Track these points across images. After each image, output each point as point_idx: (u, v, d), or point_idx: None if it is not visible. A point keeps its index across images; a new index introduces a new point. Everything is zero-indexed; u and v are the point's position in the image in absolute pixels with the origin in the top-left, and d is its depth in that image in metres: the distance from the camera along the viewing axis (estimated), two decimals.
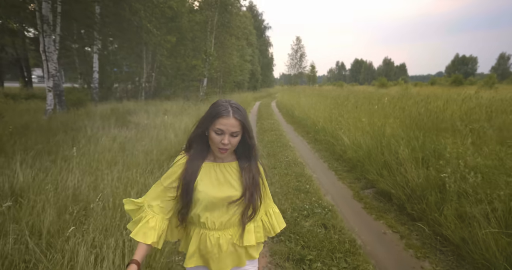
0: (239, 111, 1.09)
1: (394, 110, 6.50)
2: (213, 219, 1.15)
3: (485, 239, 2.42)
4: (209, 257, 1.17)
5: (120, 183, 3.38)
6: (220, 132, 1.08)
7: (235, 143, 1.12)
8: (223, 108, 1.08)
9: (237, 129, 1.08)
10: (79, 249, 2.04)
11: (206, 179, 1.15)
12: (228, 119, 1.06)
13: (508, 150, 3.96)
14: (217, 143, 1.10)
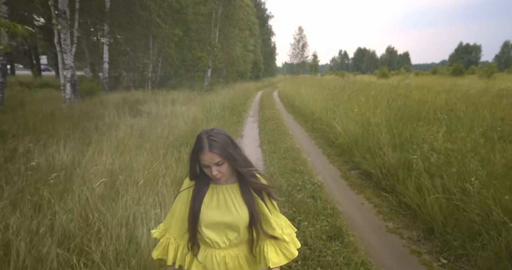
0: (215, 143, 1.10)
1: (381, 102, 7.20)
2: (216, 239, 1.19)
3: (431, 202, 3.19)
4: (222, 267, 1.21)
5: (149, 161, 4.16)
6: (206, 165, 1.13)
7: (225, 170, 1.14)
8: (201, 143, 1.10)
9: (218, 159, 1.10)
10: (128, 206, 2.82)
11: (207, 200, 1.19)
12: (206, 154, 1.10)
13: (472, 135, 4.69)
14: (209, 174, 1.15)
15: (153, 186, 3.43)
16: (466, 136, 4.67)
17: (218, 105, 10.42)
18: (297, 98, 13.59)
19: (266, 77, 47.68)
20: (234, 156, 1.12)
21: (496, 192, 2.88)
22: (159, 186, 3.40)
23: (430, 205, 3.20)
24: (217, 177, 1.13)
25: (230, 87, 19.30)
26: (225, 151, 1.10)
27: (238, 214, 1.16)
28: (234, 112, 10.70)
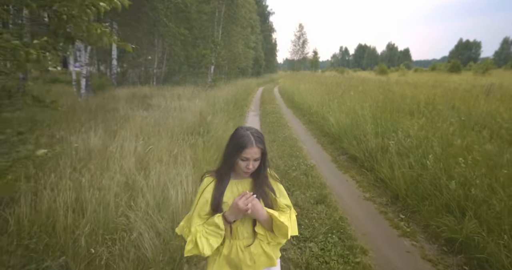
0: (260, 140, 1.28)
1: (368, 97, 7.99)
2: (238, 228, 1.35)
3: (398, 176, 4.00)
4: (242, 263, 1.34)
5: (167, 145, 4.96)
6: (245, 159, 1.27)
7: (257, 166, 1.32)
8: (247, 139, 1.26)
9: (259, 155, 1.29)
10: (159, 174, 3.62)
11: (228, 193, 1.35)
12: (252, 149, 1.26)
13: (443, 125, 5.48)
14: (243, 167, 1.30)
15: (174, 163, 4.24)
16: (440, 125, 5.47)
17: (222, 100, 11.19)
18: (296, 94, 14.35)
19: (267, 74, 48.30)
20: (266, 155, 1.33)
21: (446, 165, 3.69)
22: (178, 162, 4.21)
23: (397, 178, 4.01)
24: (250, 170, 1.30)
25: (232, 83, 20.03)
26: (264, 147, 1.30)
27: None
28: (237, 106, 11.48)
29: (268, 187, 1.38)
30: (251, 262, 1.33)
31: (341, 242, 2.96)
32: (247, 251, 1.33)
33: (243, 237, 1.34)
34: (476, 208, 2.93)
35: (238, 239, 1.34)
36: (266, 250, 1.35)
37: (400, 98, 7.73)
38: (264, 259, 1.36)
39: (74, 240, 2.41)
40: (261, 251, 1.35)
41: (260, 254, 1.35)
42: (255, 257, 1.34)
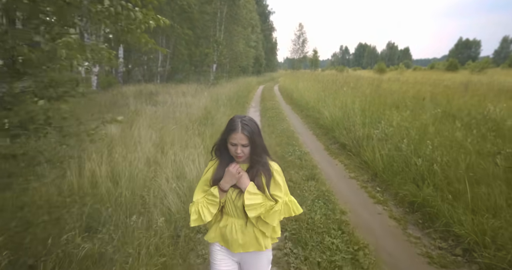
0: (247, 127, 1.36)
1: (359, 93, 8.68)
2: (233, 208, 1.47)
3: (378, 157, 4.69)
4: (233, 240, 1.47)
5: (178, 134, 5.66)
6: (233, 144, 1.38)
7: (247, 152, 1.40)
8: (235, 125, 1.37)
9: (246, 142, 1.36)
10: (175, 155, 4.31)
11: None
12: (237, 134, 1.35)
13: (424, 116, 6.16)
14: (233, 152, 1.41)
15: (186, 146, 4.94)
16: (421, 116, 6.16)
17: (225, 97, 11.87)
18: (295, 91, 15.04)
19: (268, 72, 48.97)
20: (256, 143, 1.38)
21: (417, 148, 4.39)
22: (189, 146, 4.91)
23: (377, 159, 4.71)
24: (240, 155, 1.39)
25: (233, 81, 20.71)
26: (252, 137, 1.35)
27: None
28: (238, 103, 12.17)
29: (264, 175, 1.45)
30: (243, 241, 1.46)
31: (325, 206, 3.65)
32: (240, 231, 1.45)
33: (237, 217, 1.47)
34: (434, 178, 3.63)
35: (234, 217, 1.47)
36: (257, 235, 1.46)
37: (389, 94, 8.41)
38: (254, 243, 1.47)
39: (116, 198, 3.10)
40: (253, 235, 1.46)
41: (252, 238, 1.46)
42: (247, 239, 1.46)
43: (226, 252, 1.54)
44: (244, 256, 1.52)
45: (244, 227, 1.46)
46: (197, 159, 4.31)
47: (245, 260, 1.54)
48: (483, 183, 3.20)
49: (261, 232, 1.46)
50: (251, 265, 1.54)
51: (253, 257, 1.52)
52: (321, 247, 2.79)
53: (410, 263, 2.70)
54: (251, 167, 1.45)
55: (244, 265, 1.57)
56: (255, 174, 1.44)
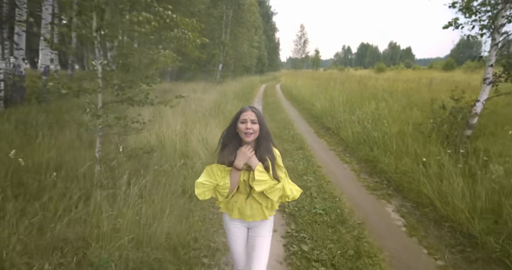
0: (255, 109, 1.68)
1: (346, 88, 10.25)
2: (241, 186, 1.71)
3: (350, 134, 6.27)
4: (243, 212, 1.75)
5: (196, 120, 7.27)
6: (244, 121, 1.63)
7: (256, 129, 1.64)
8: (244, 107, 1.70)
9: (255, 118, 1.63)
10: (198, 133, 5.91)
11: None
12: (247, 112, 1.64)
13: (394, 105, 7.71)
14: (243, 129, 1.62)
15: (206, 126, 6.54)
16: (396, 107, 7.72)
17: (231, 93, 13.47)
18: (294, 88, 16.63)
19: (270, 72, 50.50)
20: (263, 124, 1.67)
21: (377, 126, 5.96)
22: (208, 125, 6.52)
23: (349, 135, 6.29)
24: (250, 131, 1.62)
25: (238, 80, 22.30)
26: (260, 115, 1.66)
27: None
28: (244, 98, 13.77)
29: (269, 157, 1.68)
30: (250, 212, 1.72)
31: (307, 162, 5.24)
32: (248, 204, 1.72)
33: (246, 193, 1.72)
34: (384, 144, 5.20)
35: (241, 193, 1.73)
36: (262, 206, 1.73)
37: (373, 89, 9.97)
38: (260, 213, 1.74)
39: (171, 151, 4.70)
40: (258, 207, 1.73)
41: (258, 209, 1.73)
42: (254, 210, 1.72)
43: (238, 221, 1.82)
44: (251, 224, 1.81)
45: (248, 200, 1.72)
46: (213, 131, 5.93)
47: (252, 226, 1.83)
48: (406, 140, 4.79)
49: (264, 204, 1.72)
50: (257, 230, 1.82)
51: (259, 224, 1.81)
52: (301, 180, 4.39)
53: (356, 190, 4.27)
54: (257, 152, 1.68)
55: (251, 229, 1.85)
56: (261, 158, 1.66)
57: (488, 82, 4.30)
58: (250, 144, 1.68)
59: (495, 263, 2.56)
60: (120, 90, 3.56)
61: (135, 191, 3.21)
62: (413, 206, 3.69)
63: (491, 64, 4.30)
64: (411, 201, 3.78)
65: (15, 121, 5.67)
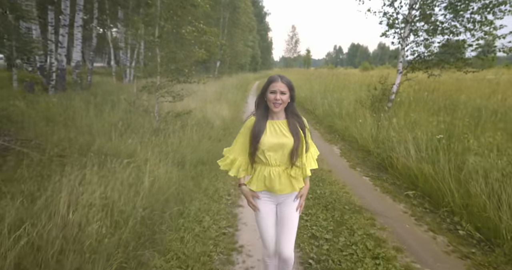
0: (286, 79, 1.66)
1: (324, 81, 12.65)
2: (274, 157, 1.69)
3: (321, 112, 8.62)
4: (273, 184, 1.71)
5: (208, 101, 9.54)
6: (273, 92, 1.62)
7: (285, 99, 1.65)
8: (274, 76, 1.66)
9: (285, 89, 1.63)
10: (211, 108, 8.16)
11: (267, 132, 1.68)
12: (277, 83, 1.62)
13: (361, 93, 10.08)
14: (272, 99, 1.63)
15: (214, 106, 8.79)
16: (355, 92, 10.11)
17: (230, 86, 15.73)
18: None
19: (263, 70, 52.74)
20: (294, 90, 1.69)
21: (341, 105, 8.33)
22: (217, 105, 8.78)
23: (321, 113, 8.64)
24: (278, 102, 1.62)
25: (234, 76, 24.51)
26: (290, 85, 1.66)
27: (288, 138, 1.67)
28: (241, 90, 16.07)
29: (300, 126, 1.73)
30: (280, 185, 1.72)
31: None
32: (277, 176, 1.71)
33: (276, 164, 1.71)
34: (340, 115, 7.55)
35: (272, 166, 1.71)
36: (291, 179, 1.73)
37: (346, 82, 12.39)
38: (289, 185, 1.74)
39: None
40: (288, 180, 1.73)
41: (287, 182, 1.73)
42: (283, 182, 1.72)
43: (267, 195, 1.80)
44: (280, 198, 1.80)
45: (282, 172, 1.71)
46: (220, 109, 8.21)
47: (281, 200, 1.82)
48: (352, 111, 7.13)
49: (294, 175, 1.73)
50: (287, 204, 1.82)
51: (288, 196, 1.81)
52: None
53: (321, 143, 6.58)
54: (289, 118, 1.72)
55: (280, 204, 1.84)
56: (296, 129, 1.69)
57: (399, 72, 6.68)
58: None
59: (375, 161, 4.90)
60: (171, 73, 5.82)
61: (184, 133, 5.48)
62: (347, 144, 6.06)
63: (401, 61, 6.68)
64: (347, 142, 6.16)
65: (79, 101, 7.82)
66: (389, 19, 6.77)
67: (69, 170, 2.83)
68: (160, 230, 2.66)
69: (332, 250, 2.61)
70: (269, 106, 1.67)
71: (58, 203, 2.19)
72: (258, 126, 1.67)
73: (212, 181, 4.01)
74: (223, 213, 3.20)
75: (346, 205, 3.46)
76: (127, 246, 2.22)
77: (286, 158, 1.69)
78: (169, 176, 3.49)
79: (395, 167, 4.41)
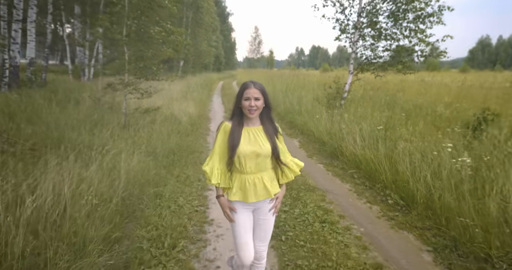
0: (258, 85, 1.68)
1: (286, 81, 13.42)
2: (249, 165, 1.68)
3: (283, 108, 9.26)
4: (248, 192, 1.71)
5: (174, 99, 9.74)
6: (247, 99, 1.64)
7: (260, 105, 1.66)
8: (247, 83, 1.69)
9: (258, 95, 1.64)
10: (178, 106, 8.41)
11: (242, 139, 1.68)
12: (251, 89, 1.64)
13: (319, 92, 10.90)
14: (247, 106, 1.64)
15: (181, 103, 9.03)
16: (313, 91, 10.91)
17: (195, 85, 15.90)
18: None
19: (227, 70, 52.95)
20: (267, 96, 1.70)
21: (301, 101, 9.02)
22: (183, 103, 9.03)
23: (282, 109, 9.27)
24: (253, 108, 1.63)
25: (198, 76, 24.57)
26: (263, 91, 1.68)
27: (264, 146, 1.68)
28: (206, 89, 16.31)
29: (275, 131, 1.77)
30: (255, 192, 1.72)
31: None
32: (252, 184, 1.71)
33: (251, 172, 1.71)
34: (305, 113, 8.22)
35: (248, 174, 1.71)
36: (266, 185, 1.73)
37: (306, 82, 13.23)
38: (264, 192, 1.73)
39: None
40: (263, 186, 1.73)
41: (262, 188, 1.73)
42: (259, 189, 1.72)
43: (242, 204, 1.77)
44: (256, 204, 1.79)
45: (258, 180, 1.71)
46: (188, 106, 8.48)
47: (258, 207, 1.81)
48: (310, 108, 7.84)
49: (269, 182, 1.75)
50: (263, 209, 1.82)
51: (265, 202, 1.80)
52: None
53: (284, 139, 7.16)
54: (265, 125, 1.74)
55: (257, 210, 1.83)
56: (272, 135, 1.73)
57: (350, 73, 7.51)
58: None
59: (328, 151, 5.57)
60: (139, 71, 6.02)
61: (153, 128, 5.73)
62: (305, 137, 6.73)
63: (351, 63, 7.52)
64: (305, 135, 6.82)
65: (39, 98, 7.64)
66: (341, 25, 7.56)
67: (50, 158, 3.04)
68: (139, 208, 3.01)
69: (289, 218, 3.14)
70: (244, 113, 1.69)
71: (50, 182, 2.46)
72: (234, 134, 1.67)
73: (183, 169, 4.37)
74: (195, 195, 3.59)
75: (302, 185, 4.02)
76: (112, 220, 2.55)
77: (261, 165, 1.71)
78: (143, 165, 3.80)
79: (344, 154, 5.09)
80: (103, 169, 3.15)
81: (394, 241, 2.83)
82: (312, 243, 2.69)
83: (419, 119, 5.47)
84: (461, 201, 2.87)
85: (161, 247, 2.47)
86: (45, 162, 2.99)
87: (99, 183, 2.88)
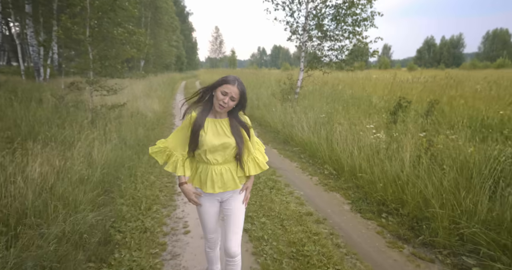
0: (241, 84, 1.57)
1: (248, 79, 14.17)
2: (215, 157, 1.66)
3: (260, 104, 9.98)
4: (215, 183, 1.68)
5: (138, 97, 10.03)
6: (225, 93, 1.54)
7: (231, 105, 1.59)
8: (232, 78, 1.57)
9: (237, 96, 1.57)
10: (142, 103, 8.75)
11: (209, 131, 1.63)
12: (233, 87, 1.54)
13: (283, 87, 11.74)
14: (220, 100, 1.55)
15: (146, 100, 9.37)
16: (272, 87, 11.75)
17: (157, 84, 16.06)
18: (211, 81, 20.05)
19: (189, 70, 52.60)
20: (245, 99, 1.62)
21: (259, 99, 9.79)
22: (147, 100, 9.38)
23: (260, 105, 9.97)
24: (224, 106, 1.57)
25: (159, 76, 24.49)
26: (243, 93, 1.59)
27: (229, 138, 1.64)
28: (168, 88, 16.52)
29: (243, 127, 1.70)
30: (222, 183, 1.70)
31: None
32: (219, 174, 1.69)
33: (217, 163, 1.68)
34: (263, 107, 8.98)
35: (214, 165, 1.68)
36: (234, 177, 1.72)
37: (266, 80, 14.07)
38: (232, 183, 1.72)
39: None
40: (231, 177, 1.71)
41: (230, 179, 1.71)
42: (226, 180, 1.70)
43: (208, 194, 1.74)
44: (224, 195, 1.77)
45: (224, 171, 1.69)
46: (153, 103, 8.86)
47: (226, 198, 1.79)
48: (267, 102, 8.64)
49: (236, 173, 1.72)
50: (232, 200, 1.80)
51: (233, 193, 1.79)
52: None
53: None
54: (232, 122, 1.68)
55: (225, 202, 1.81)
56: (238, 130, 1.68)
57: (301, 70, 8.44)
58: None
59: (282, 138, 6.37)
60: (104, 69, 6.37)
61: (120, 122, 6.13)
62: (263, 128, 7.50)
63: (302, 61, 8.44)
64: (263, 127, 7.60)
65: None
66: (291, 27, 8.44)
67: (32, 146, 3.45)
68: (116, 184, 3.53)
69: None
70: (213, 104, 1.61)
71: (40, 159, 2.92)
72: (199, 119, 1.62)
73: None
74: (164, 174, 4.16)
75: None
76: (95, 189, 3.07)
77: (228, 156, 1.68)
78: (115, 152, 4.28)
79: (294, 140, 5.92)
80: (81, 153, 3.61)
81: (324, 199, 3.66)
82: (261, 202, 3.41)
83: (355, 108, 6.48)
84: (373, 166, 3.77)
85: (138, 209, 3.05)
86: (26, 150, 3.40)
87: (80, 163, 3.36)
